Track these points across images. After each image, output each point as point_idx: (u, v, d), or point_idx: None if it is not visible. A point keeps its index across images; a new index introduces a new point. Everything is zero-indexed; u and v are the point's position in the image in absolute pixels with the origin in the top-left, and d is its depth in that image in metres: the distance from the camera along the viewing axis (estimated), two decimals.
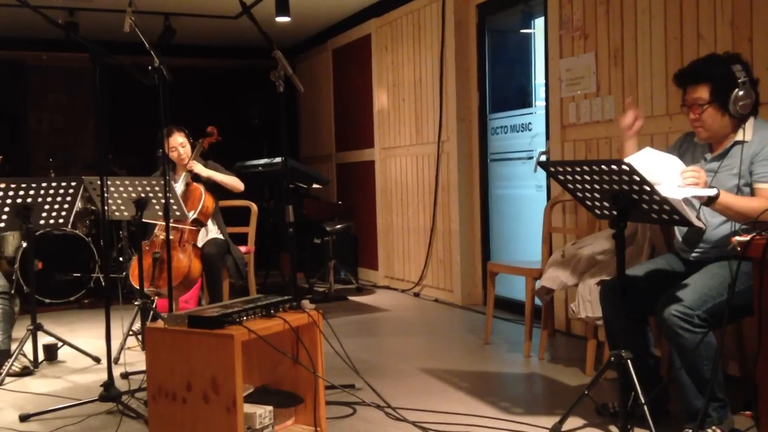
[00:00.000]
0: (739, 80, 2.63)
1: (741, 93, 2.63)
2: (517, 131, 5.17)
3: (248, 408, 2.63)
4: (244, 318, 2.64)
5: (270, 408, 2.71)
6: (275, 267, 6.51)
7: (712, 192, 2.52)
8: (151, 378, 2.70)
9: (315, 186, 6.25)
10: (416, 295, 5.87)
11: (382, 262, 6.57)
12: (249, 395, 2.74)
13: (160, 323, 2.85)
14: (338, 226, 6.17)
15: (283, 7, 5.47)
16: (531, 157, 5.03)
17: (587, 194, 2.77)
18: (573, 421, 2.78)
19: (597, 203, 2.77)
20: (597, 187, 2.69)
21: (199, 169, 4.66)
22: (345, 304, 5.74)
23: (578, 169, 2.76)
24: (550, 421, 2.79)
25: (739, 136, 2.70)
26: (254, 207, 5.25)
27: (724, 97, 2.65)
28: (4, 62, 7.08)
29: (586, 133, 4.24)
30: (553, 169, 2.94)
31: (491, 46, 5.42)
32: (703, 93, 2.68)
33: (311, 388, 2.84)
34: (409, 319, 5.16)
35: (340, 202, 7.07)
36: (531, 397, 3.40)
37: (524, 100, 5.38)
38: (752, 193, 2.65)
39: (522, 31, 5.47)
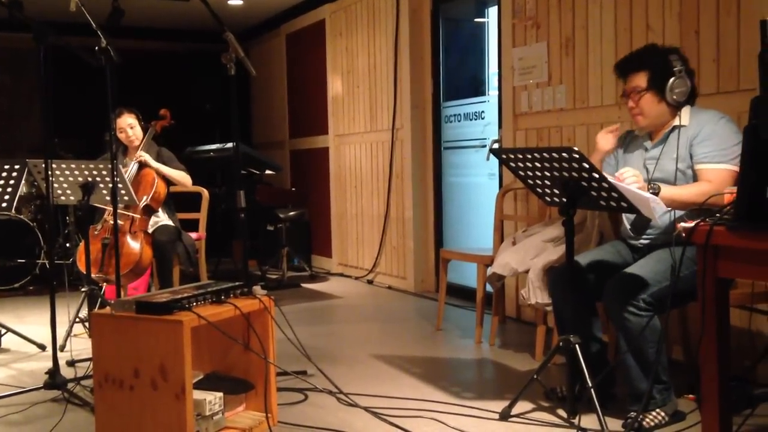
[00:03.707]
0: (675, 69, 2.74)
1: (677, 81, 2.73)
2: (471, 119, 5.20)
3: (198, 395, 2.60)
4: (194, 304, 2.60)
5: (220, 394, 2.68)
6: (227, 254, 6.44)
7: (652, 195, 2.56)
8: (98, 365, 2.65)
9: (268, 172, 6.20)
10: (370, 282, 5.88)
11: (336, 249, 6.56)
12: (199, 382, 2.71)
13: (107, 310, 2.80)
14: (291, 213, 6.13)
15: None
16: (484, 146, 5.06)
17: (538, 181, 2.81)
18: (522, 405, 2.82)
19: (548, 190, 2.81)
20: (548, 174, 2.73)
21: (148, 159, 4.54)
22: (298, 292, 5.71)
23: (529, 156, 2.79)
24: (500, 405, 2.83)
25: (676, 122, 2.79)
26: (205, 193, 5.17)
27: (661, 85, 2.75)
28: None
29: (538, 122, 4.29)
30: (504, 157, 2.97)
31: (445, 35, 5.43)
32: (641, 81, 2.78)
33: (262, 374, 2.82)
34: (363, 306, 5.17)
35: (293, 189, 7.03)
36: (481, 382, 3.44)
37: (478, 89, 5.41)
38: (695, 177, 2.72)
39: (476, 19, 5.49)
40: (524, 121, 4.39)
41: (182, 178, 4.70)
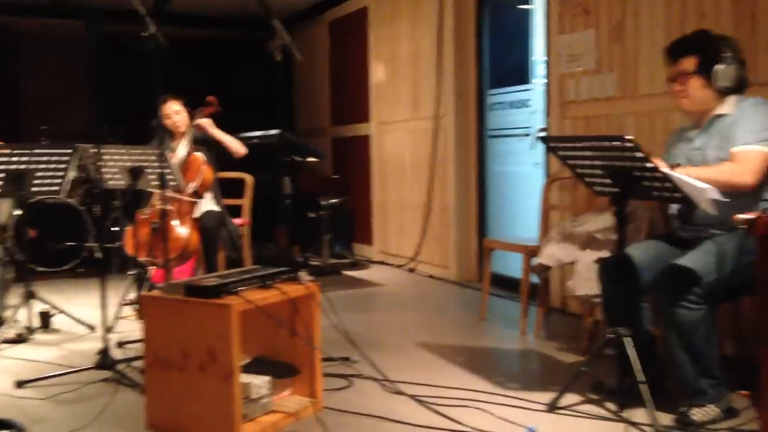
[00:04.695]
0: (725, 55, 2.71)
1: (725, 68, 2.70)
2: (516, 107, 5.14)
3: (245, 378, 2.63)
4: (242, 288, 2.63)
5: (267, 379, 2.70)
6: (269, 240, 6.49)
7: (708, 185, 2.50)
8: (148, 346, 2.69)
9: (310, 159, 6.21)
10: (411, 270, 5.87)
11: (377, 237, 6.56)
12: (245, 365, 2.73)
13: (156, 292, 2.84)
14: (333, 201, 6.15)
15: None
16: (528, 134, 5.01)
17: (588, 171, 2.77)
18: (569, 398, 2.79)
19: (598, 180, 2.76)
20: (598, 163, 2.68)
21: (208, 126, 4.59)
22: (339, 279, 5.74)
23: (580, 145, 2.75)
24: (546, 397, 2.80)
25: (719, 110, 2.73)
26: (249, 179, 5.21)
27: (709, 70, 2.71)
28: None
29: (586, 111, 4.22)
30: (554, 145, 2.94)
31: (489, 21, 5.37)
32: (689, 64, 2.76)
33: (308, 359, 2.84)
34: (404, 295, 5.17)
35: (335, 176, 7.03)
36: (527, 373, 3.41)
37: (522, 77, 5.34)
38: None
39: (521, 6, 5.42)
40: (571, 109, 4.33)
41: (238, 144, 4.74)
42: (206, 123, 4.60)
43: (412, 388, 2.97)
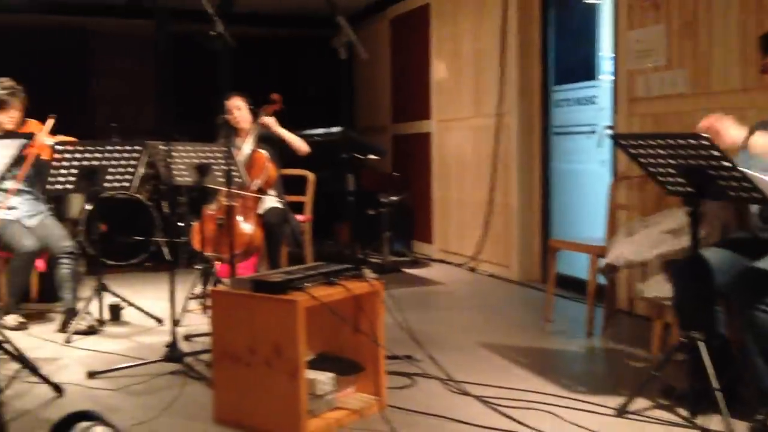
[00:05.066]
0: None
1: None
2: (582, 104, 5.04)
3: (310, 374, 2.64)
4: (308, 284, 2.64)
5: (332, 375, 2.71)
6: (330, 236, 6.53)
7: None
8: (216, 341, 2.73)
9: (371, 157, 6.22)
10: (472, 269, 5.82)
11: (437, 235, 6.53)
12: (310, 361, 2.75)
13: (224, 287, 2.88)
14: (393, 198, 6.15)
15: None
16: (595, 131, 4.90)
17: (660, 169, 2.69)
18: (639, 403, 2.72)
19: (670, 179, 2.68)
20: (672, 161, 2.60)
21: (272, 124, 4.66)
22: (399, 277, 5.73)
23: (653, 142, 2.67)
24: (615, 401, 2.74)
25: None
26: (311, 176, 5.26)
27: None
28: (65, 28, 7.19)
29: (656, 108, 4.10)
30: (625, 143, 2.86)
31: (555, 17, 5.28)
32: None
33: (371, 357, 2.84)
34: (466, 294, 5.13)
35: (396, 174, 7.03)
36: (594, 376, 3.34)
37: (588, 73, 5.23)
38: None
39: (587, 1, 5.30)
40: (640, 106, 4.22)
41: (301, 142, 4.79)
42: (270, 121, 4.66)
43: (477, 389, 2.94)
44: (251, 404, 2.63)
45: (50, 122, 4.09)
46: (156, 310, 4.28)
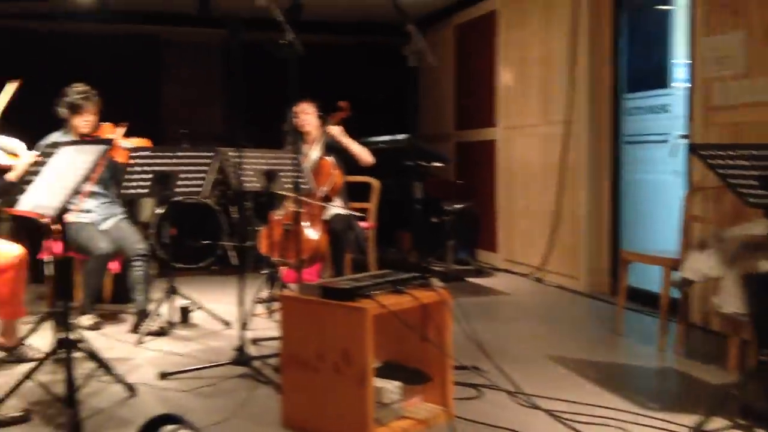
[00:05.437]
0: None
1: None
2: (654, 112, 4.91)
3: (377, 382, 2.64)
4: (375, 292, 2.64)
5: (399, 384, 2.70)
6: (392, 244, 6.53)
7: None
8: (284, 346, 2.76)
9: (435, 164, 6.20)
10: (538, 280, 5.73)
11: (502, 244, 6.46)
12: (377, 369, 2.74)
13: (293, 292, 2.90)
14: (457, 206, 6.11)
15: None
16: (668, 141, 4.77)
17: (741, 180, 2.59)
18: (716, 422, 2.61)
19: (752, 191, 2.58)
20: (754, 173, 2.50)
21: (338, 134, 4.70)
22: (463, 286, 5.68)
23: (734, 153, 2.58)
24: (689, 419, 2.64)
25: None
26: (376, 183, 5.27)
27: None
28: (139, 37, 7.40)
29: (734, 117, 3.96)
30: (704, 153, 2.77)
31: (627, 23, 5.16)
32: None
33: (438, 366, 2.81)
34: (532, 305, 5.05)
35: (460, 181, 6.99)
36: (668, 393, 3.23)
37: (661, 80, 5.10)
38: None
39: (660, 7, 5.17)
40: (718, 115, 4.08)
41: (366, 154, 4.82)
42: (337, 131, 4.70)
43: (546, 403, 2.88)
44: (319, 410, 2.64)
45: (123, 128, 4.21)
46: (223, 313, 4.35)
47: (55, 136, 4.14)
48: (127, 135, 4.25)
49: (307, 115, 4.78)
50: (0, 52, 6.43)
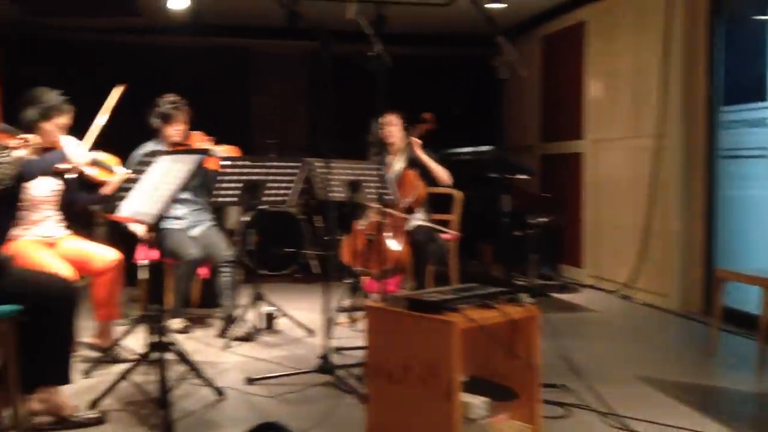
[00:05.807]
0: None
1: None
2: (753, 126, 4.70)
3: (465, 397, 2.60)
4: (463, 306, 2.61)
5: (486, 400, 2.65)
6: (474, 256, 6.47)
7: None
8: (370, 356, 2.75)
9: (520, 176, 6.11)
10: (625, 297, 5.54)
11: (588, 260, 6.30)
12: (463, 384, 2.70)
13: (379, 302, 2.90)
14: (542, 219, 5.99)
15: None
16: (766, 156, 4.55)
17: None
18: None
19: None
20: None
21: (418, 149, 4.71)
22: (548, 302, 5.56)
23: None
24: None
25: None
26: (459, 195, 5.23)
27: None
28: (230, 50, 7.62)
29: None
30: None
31: (723, 33, 4.96)
32: None
33: (526, 383, 2.75)
34: (620, 323, 4.89)
35: (545, 195, 6.86)
36: (767, 420, 3.07)
37: (760, 92, 4.87)
38: None
39: (757, 17, 4.95)
40: None
41: (444, 174, 4.81)
42: (416, 143, 4.69)
43: (638, 425, 2.78)
44: (404, 422, 2.62)
45: (212, 139, 4.34)
46: (305, 320, 4.39)
47: (149, 146, 4.29)
48: (217, 144, 4.37)
49: (392, 127, 4.80)
50: (98, 65, 6.73)
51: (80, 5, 6.22)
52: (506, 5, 5.51)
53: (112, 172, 3.63)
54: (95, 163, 3.60)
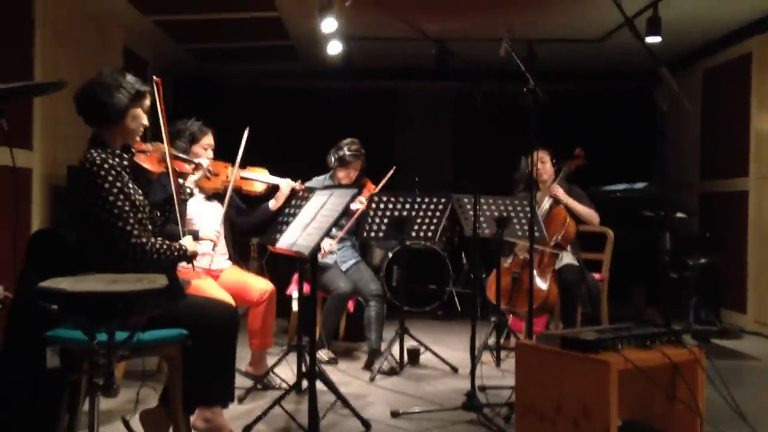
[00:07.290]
0: None
1: None
2: None
3: None
4: (620, 345, 2.49)
5: None
6: (625, 298, 6.17)
7: None
8: (520, 395, 2.68)
9: (679, 215, 5.79)
10: None
11: (753, 304, 5.82)
12: (619, 428, 2.56)
13: (531, 341, 2.83)
14: (701, 261, 5.63)
15: (655, 26, 5.17)
16: None
17: None
18: None
19: None
20: None
21: (561, 194, 4.62)
22: (707, 347, 5.16)
23: None
24: None
25: None
26: (611, 234, 5.03)
27: None
28: (379, 91, 7.86)
29: None
30: None
31: None
32: None
33: (689, 430, 2.57)
34: None
35: (705, 234, 6.45)
36: None
37: None
38: None
39: None
40: None
41: (591, 216, 4.68)
42: (559, 192, 4.60)
43: None
44: None
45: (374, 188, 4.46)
46: (449, 357, 4.35)
47: (317, 181, 4.50)
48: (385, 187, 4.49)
49: (543, 164, 4.72)
50: (256, 108, 7.17)
51: (249, 53, 6.71)
52: (660, 39, 5.29)
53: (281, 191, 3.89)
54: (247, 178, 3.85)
